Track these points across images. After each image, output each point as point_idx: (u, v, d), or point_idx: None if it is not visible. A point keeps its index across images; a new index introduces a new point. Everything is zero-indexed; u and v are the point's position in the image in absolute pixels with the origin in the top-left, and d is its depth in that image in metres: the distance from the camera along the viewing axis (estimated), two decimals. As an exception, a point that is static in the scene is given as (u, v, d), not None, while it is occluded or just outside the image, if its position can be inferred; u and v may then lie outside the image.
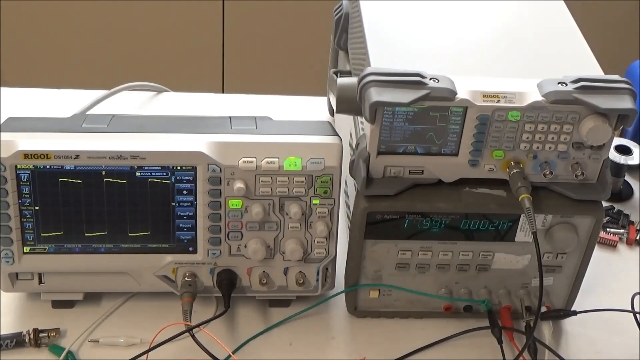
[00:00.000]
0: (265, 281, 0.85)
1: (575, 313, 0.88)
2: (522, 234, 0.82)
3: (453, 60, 0.81)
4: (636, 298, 0.86)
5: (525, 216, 0.77)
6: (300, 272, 0.86)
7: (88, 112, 1.14)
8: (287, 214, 0.82)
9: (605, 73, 0.78)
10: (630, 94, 0.74)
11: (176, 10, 2.24)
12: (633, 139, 1.12)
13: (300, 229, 0.83)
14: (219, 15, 2.26)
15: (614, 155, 1.06)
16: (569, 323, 0.90)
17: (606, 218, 1.05)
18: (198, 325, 0.81)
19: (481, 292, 0.87)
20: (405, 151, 0.77)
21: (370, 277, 0.86)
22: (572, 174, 0.79)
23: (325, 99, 1.21)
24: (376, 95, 0.72)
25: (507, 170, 0.78)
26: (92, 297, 0.89)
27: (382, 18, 0.87)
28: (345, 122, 0.96)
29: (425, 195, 0.80)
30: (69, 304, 0.88)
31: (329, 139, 0.81)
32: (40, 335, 0.83)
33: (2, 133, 0.78)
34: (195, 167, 0.80)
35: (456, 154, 0.78)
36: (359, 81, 0.74)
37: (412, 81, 0.73)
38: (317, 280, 0.86)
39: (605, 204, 1.04)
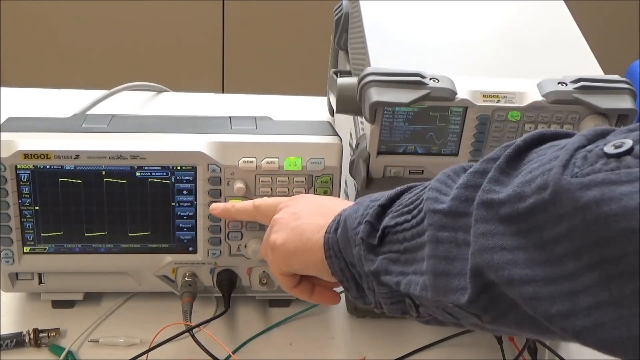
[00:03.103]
0: (265, 281, 0.85)
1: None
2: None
3: (453, 60, 0.81)
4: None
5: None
6: (300, 272, 0.86)
7: (88, 112, 1.14)
8: (287, 214, 0.82)
9: (605, 73, 0.78)
10: (630, 94, 0.74)
11: (176, 10, 2.24)
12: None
13: (300, 229, 0.83)
14: (219, 15, 2.26)
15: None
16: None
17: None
18: (198, 325, 0.81)
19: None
20: (405, 151, 0.77)
21: (370, 277, 0.86)
22: (572, 174, 0.78)
23: (325, 99, 1.21)
24: (376, 95, 0.72)
25: (507, 170, 0.78)
26: (92, 297, 0.89)
27: (382, 18, 0.87)
28: (345, 122, 0.96)
29: (425, 195, 0.80)
30: (69, 304, 0.88)
31: (329, 139, 0.81)
32: (40, 335, 0.83)
33: (2, 133, 0.78)
34: (195, 167, 0.80)
35: (456, 154, 0.78)
36: (359, 81, 0.74)
37: (412, 81, 0.73)
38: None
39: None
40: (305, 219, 0.66)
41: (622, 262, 0.38)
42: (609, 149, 0.41)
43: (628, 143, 0.40)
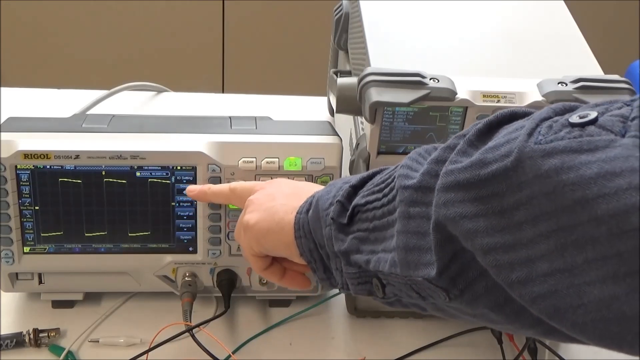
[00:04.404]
0: (265, 281, 0.85)
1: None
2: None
3: (453, 60, 0.81)
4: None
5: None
6: (300, 272, 0.86)
7: (88, 112, 1.14)
8: (287, 214, 0.82)
9: (605, 73, 0.78)
10: (630, 94, 0.74)
11: (176, 10, 2.24)
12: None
13: (300, 229, 0.83)
14: (219, 15, 2.26)
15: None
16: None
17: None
18: (198, 325, 0.81)
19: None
20: (405, 151, 0.77)
21: (370, 277, 0.86)
22: (572, 174, 0.78)
23: (325, 99, 1.21)
24: (376, 95, 0.72)
25: (507, 170, 0.78)
26: (92, 297, 0.89)
27: (382, 18, 0.87)
28: (345, 122, 0.96)
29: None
30: (69, 304, 0.88)
31: (329, 139, 0.81)
32: (40, 335, 0.83)
33: (2, 133, 0.78)
34: (195, 167, 0.80)
35: (456, 154, 0.78)
36: (359, 81, 0.74)
37: (412, 81, 0.73)
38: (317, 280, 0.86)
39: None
40: (280, 200, 0.67)
41: (576, 231, 0.38)
42: (574, 119, 0.42)
43: (593, 114, 0.41)
